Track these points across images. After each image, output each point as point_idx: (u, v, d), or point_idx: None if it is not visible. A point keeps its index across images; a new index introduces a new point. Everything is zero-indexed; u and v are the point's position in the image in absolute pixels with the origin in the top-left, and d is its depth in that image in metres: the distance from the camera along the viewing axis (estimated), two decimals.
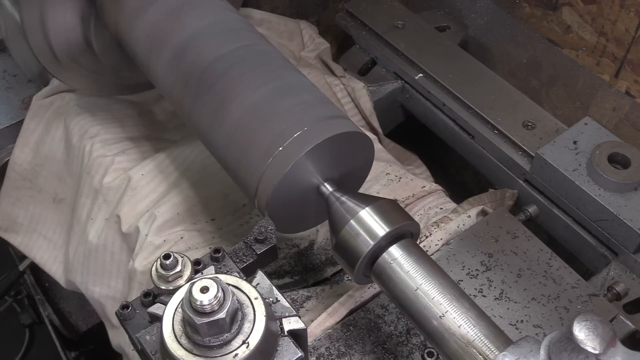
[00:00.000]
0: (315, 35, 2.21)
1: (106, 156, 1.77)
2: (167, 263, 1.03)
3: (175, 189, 1.69)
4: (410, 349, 1.37)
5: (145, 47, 1.49)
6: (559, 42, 2.20)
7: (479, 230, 1.59)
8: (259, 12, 2.12)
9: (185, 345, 0.92)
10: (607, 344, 0.84)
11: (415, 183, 1.74)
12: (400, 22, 2.18)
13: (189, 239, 1.61)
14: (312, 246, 1.63)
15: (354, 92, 2.03)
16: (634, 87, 2.03)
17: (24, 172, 1.95)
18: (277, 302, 1.03)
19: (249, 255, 1.18)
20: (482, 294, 1.47)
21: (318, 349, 1.37)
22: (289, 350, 0.97)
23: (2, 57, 2.12)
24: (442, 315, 1.09)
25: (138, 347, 1.01)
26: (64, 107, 1.89)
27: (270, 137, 1.26)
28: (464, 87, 1.96)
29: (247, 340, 0.92)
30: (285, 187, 1.24)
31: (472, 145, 1.93)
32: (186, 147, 1.76)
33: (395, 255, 1.17)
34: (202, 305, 0.88)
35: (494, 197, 1.73)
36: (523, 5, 2.26)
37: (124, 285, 1.72)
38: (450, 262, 1.52)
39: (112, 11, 1.54)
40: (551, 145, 1.70)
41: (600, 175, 1.60)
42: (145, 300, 1.06)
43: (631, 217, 1.57)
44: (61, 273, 1.95)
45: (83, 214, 1.79)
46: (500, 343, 1.04)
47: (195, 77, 1.38)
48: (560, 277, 1.50)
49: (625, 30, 1.98)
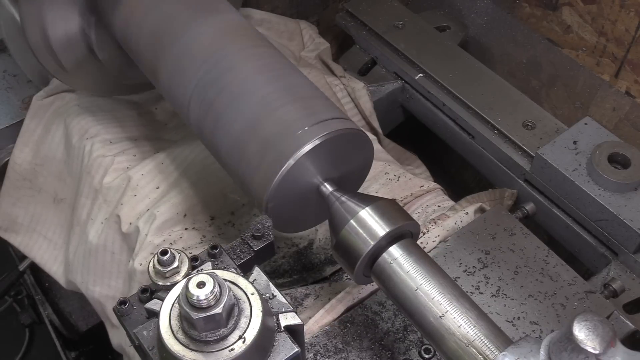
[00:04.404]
0: (315, 35, 2.21)
1: (106, 156, 1.77)
2: (165, 259, 1.02)
3: (175, 188, 1.69)
4: (408, 346, 1.37)
5: (148, 48, 1.49)
6: (559, 42, 2.20)
7: (476, 228, 1.59)
8: (259, 12, 2.12)
9: (182, 341, 0.92)
10: (607, 344, 0.84)
11: (414, 182, 1.74)
12: (400, 22, 2.18)
13: (189, 239, 1.61)
14: (311, 245, 1.63)
15: (354, 92, 2.03)
16: (634, 87, 2.03)
17: (24, 172, 1.95)
18: (273, 297, 1.03)
19: (246, 252, 1.18)
20: (479, 291, 1.47)
21: (315, 345, 1.37)
22: (285, 346, 0.97)
23: (2, 57, 2.12)
24: (442, 315, 1.09)
25: (135, 342, 1.01)
26: (64, 107, 1.89)
27: (270, 137, 1.26)
28: (464, 87, 1.96)
29: (244, 336, 0.92)
30: (285, 187, 1.24)
31: (472, 145, 1.93)
32: (186, 147, 1.76)
33: (395, 255, 1.17)
34: (199, 300, 0.88)
35: (493, 196, 1.73)
36: (523, 5, 2.26)
37: (124, 285, 1.73)
38: (447, 259, 1.52)
39: (114, 13, 1.55)
40: (551, 145, 1.70)
41: (600, 175, 1.60)
42: (142, 296, 1.06)
43: (631, 217, 1.57)
44: (61, 273, 1.95)
45: (83, 214, 1.79)
46: (500, 343, 1.04)
47: (197, 77, 1.38)
48: (557, 274, 1.50)
49: (625, 30, 1.98)
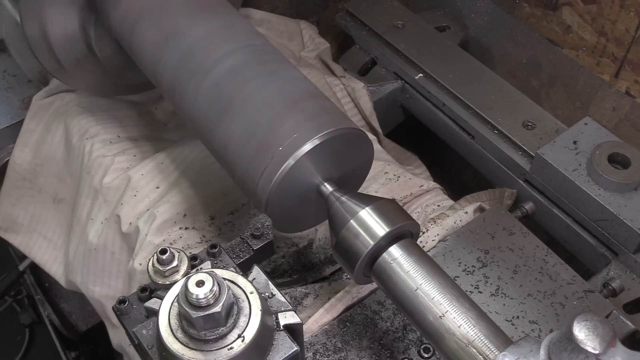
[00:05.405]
0: (315, 35, 2.21)
1: (106, 156, 1.77)
2: (164, 258, 1.02)
3: (175, 188, 1.69)
4: (407, 345, 1.37)
5: (147, 48, 1.49)
6: (559, 42, 2.20)
7: (475, 227, 1.58)
8: (259, 12, 2.12)
9: (181, 339, 0.92)
10: (607, 344, 0.84)
11: (414, 182, 1.74)
12: (400, 22, 2.18)
13: (189, 238, 1.61)
14: (311, 245, 1.63)
15: (354, 92, 2.03)
16: (634, 87, 2.03)
17: (24, 172, 1.95)
18: (272, 296, 1.03)
19: (246, 251, 1.18)
20: (478, 290, 1.47)
21: (315, 344, 1.37)
22: (284, 345, 0.97)
23: (2, 57, 2.11)
24: (442, 315, 1.09)
25: (135, 341, 1.01)
26: (64, 107, 1.89)
27: (270, 136, 1.26)
28: (464, 87, 1.96)
29: (243, 334, 0.92)
30: (285, 187, 1.24)
31: (472, 145, 1.93)
32: (186, 147, 1.76)
33: (395, 255, 1.17)
34: (198, 299, 0.88)
35: (493, 195, 1.73)
36: (523, 5, 2.26)
37: (124, 284, 1.72)
38: (446, 259, 1.52)
39: (113, 12, 1.55)
40: (551, 145, 1.70)
41: (600, 175, 1.60)
42: (142, 295, 1.06)
43: (631, 217, 1.56)
44: (61, 273, 1.95)
45: (83, 214, 1.79)
46: (500, 343, 1.04)
47: (198, 78, 1.38)
48: (556, 274, 1.50)
49: (625, 30, 1.98)
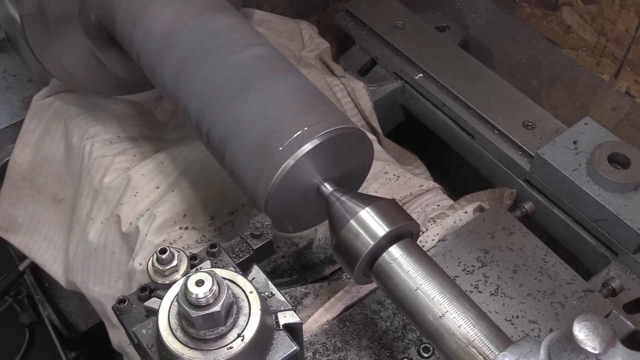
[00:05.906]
0: (315, 35, 2.20)
1: (106, 156, 1.77)
2: (164, 257, 1.02)
3: (175, 188, 1.69)
4: (407, 344, 1.38)
5: (148, 48, 1.49)
6: (559, 42, 2.20)
7: (475, 227, 1.58)
8: (259, 12, 2.12)
9: (181, 339, 0.92)
10: (607, 344, 0.84)
11: (413, 182, 1.74)
12: (400, 22, 2.18)
13: (189, 238, 1.61)
14: (311, 245, 1.63)
15: (354, 92, 2.03)
16: (634, 87, 2.03)
17: (24, 172, 1.95)
18: (272, 296, 1.03)
19: (245, 251, 1.17)
20: (477, 289, 1.47)
21: (314, 344, 1.37)
22: (284, 344, 0.97)
23: (2, 57, 2.11)
24: (442, 315, 1.09)
25: (134, 341, 1.01)
26: (64, 107, 1.89)
27: (270, 136, 1.26)
28: (464, 87, 1.96)
29: (242, 334, 0.92)
30: (285, 187, 1.24)
31: (472, 145, 1.93)
32: (186, 147, 1.76)
33: (395, 255, 1.17)
34: (198, 298, 0.88)
35: (492, 195, 1.73)
36: (523, 5, 2.26)
37: (124, 284, 1.72)
38: (446, 258, 1.52)
39: (114, 12, 1.55)
40: (551, 145, 1.70)
41: (600, 175, 1.60)
42: (141, 294, 1.06)
43: (631, 217, 1.56)
44: (61, 273, 1.95)
45: (83, 214, 1.79)
46: (500, 343, 1.04)
47: (197, 77, 1.38)
48: (555, 273, 1.50)
49: (625, 30, 1.98)
